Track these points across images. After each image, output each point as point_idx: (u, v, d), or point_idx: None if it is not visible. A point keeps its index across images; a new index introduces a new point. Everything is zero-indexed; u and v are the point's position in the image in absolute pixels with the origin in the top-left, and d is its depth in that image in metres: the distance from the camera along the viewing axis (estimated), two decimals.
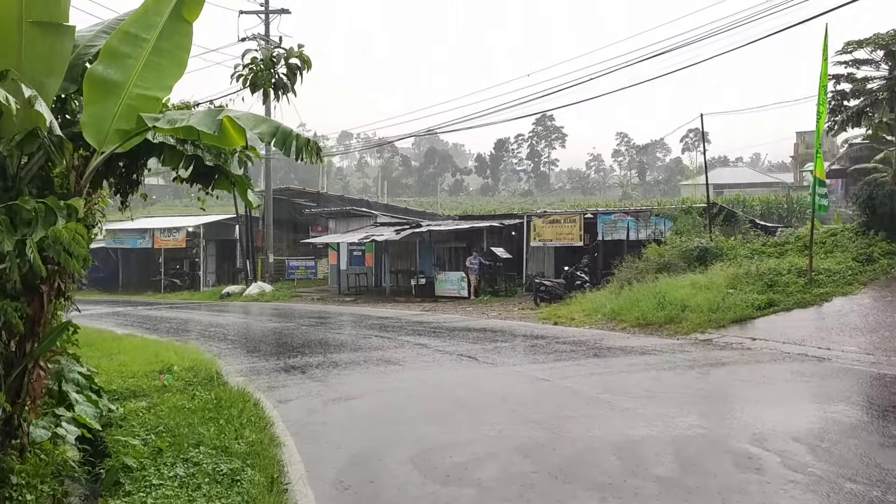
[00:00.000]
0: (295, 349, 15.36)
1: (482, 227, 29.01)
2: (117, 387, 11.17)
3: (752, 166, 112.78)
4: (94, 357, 14.13)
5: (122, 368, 12.73)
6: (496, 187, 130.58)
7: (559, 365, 11.99)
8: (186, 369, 12.44)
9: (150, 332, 19.99)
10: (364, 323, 20.56)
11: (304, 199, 40.92)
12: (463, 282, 28.25)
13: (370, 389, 10.61)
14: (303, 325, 20.58)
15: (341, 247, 33.77)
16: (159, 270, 39.49)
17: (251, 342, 17.43)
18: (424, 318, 21.53)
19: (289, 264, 38.55)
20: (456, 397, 9.69)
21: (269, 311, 25.98)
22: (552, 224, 27.31)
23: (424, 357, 13.49)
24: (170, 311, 27.45)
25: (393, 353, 14.26)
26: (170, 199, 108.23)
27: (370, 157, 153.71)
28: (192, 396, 9.50)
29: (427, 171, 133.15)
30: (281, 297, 31.79)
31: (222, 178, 6.84)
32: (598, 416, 8.14)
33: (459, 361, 12.70)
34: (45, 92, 6.01)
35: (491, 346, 14.62)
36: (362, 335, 17.47)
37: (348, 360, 13.44)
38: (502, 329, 17.69)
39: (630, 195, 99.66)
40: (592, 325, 17.16)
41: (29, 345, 5.75)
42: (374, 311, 24.38)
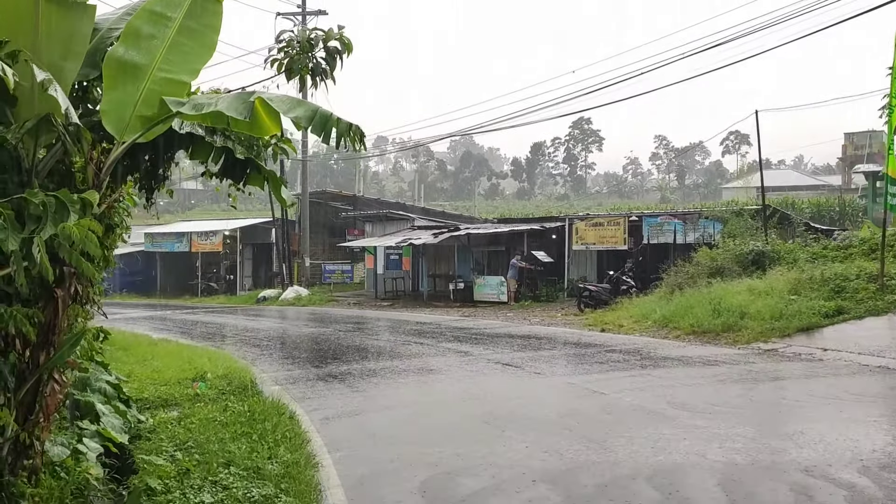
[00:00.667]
0: (332, 356, 14.80)
1: (522, 230, 28.26)
2: (149, 395, 10.72)
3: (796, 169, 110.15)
4: (129, 363, 13.78)
5: (156, 375, 12.32)
6: (532, 191, 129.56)
7: (612, 376, 11.22)
8: (220, 377, 11.97)
9: (185, 336, 19.64)
10: (402, 328, 19.95)
11: (340, 202, 40.54)
12: (502, 286, 27.52)
13: (413, 402, 9.95)
14: (340, 330, 20.04)
15: (378, 250, 33.26)
16: (196, 274, 39.40)
17: (287, 348, 16.93)
18: (464, 323, 20.86)
19: (325, 268, 38.16)
20: (507, 412, 8.97)
21: (306, 316, 25.53)
22: (595, 227, 26.45)
23: (467, 366, 12.81)
24: (206, 315, 27.17)
25: (433, 360, 13.61)
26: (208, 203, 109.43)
27: (406, 161, 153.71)
28: (225, 408, 8.94)
29: (463, 175, 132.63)
30: (317, 301, 31.37)
31: (254, 172, 6.25)
32: (667, 436, 7.35)
33: (505, 371, 11.99)
34: (63, 77, 5.46)
35: (536, 355, 13.89)
36: (401, 341, 16.85)
37: (388, 369, 12.81)
38: (547, 336, 16.93)
39: (669, 199, 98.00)
40: (643, 332, 16.32)
41: (43, 355, 5.19)
42: (412, 316, 23.77)
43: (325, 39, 6.19)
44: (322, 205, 39.52)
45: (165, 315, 27.43)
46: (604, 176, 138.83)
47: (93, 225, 4.47)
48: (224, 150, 6.03)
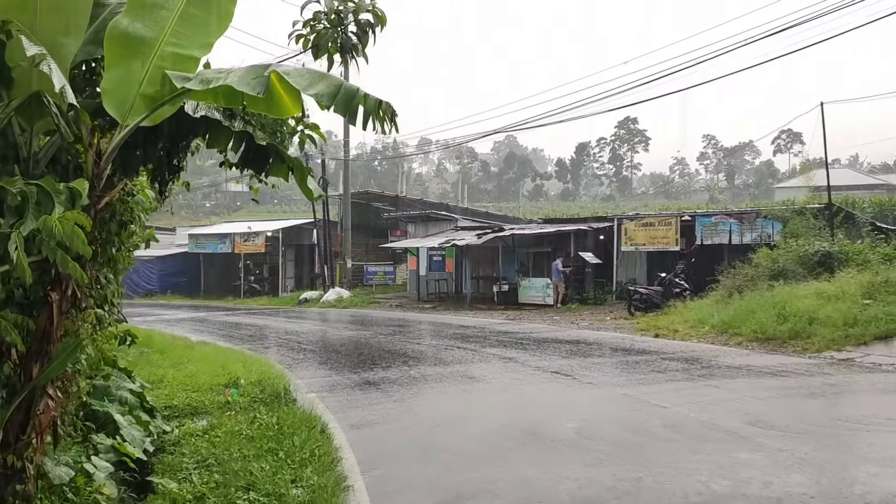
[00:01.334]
0: (371, 361, 14.15)
1: (569, 230, 27.32)
2: (179, 402, 10.20)
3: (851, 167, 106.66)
4: (163, 367, 13.35)
5: (188, 380, 11.82)
6: (577, 192, 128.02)
7: (673, 387, 10.32)
8: (253, 383, 11.41)
9: (224, 339, 19.24)
10: (445, 332, 19.23)
11: (382, 202, 40.02)
12: (548, 289, 26.64)
13: (455, 414, 9.21)
14: (380, 333, 19.41)
15: (421, 252, 32.63)
16: (239, 275, 39.27)
17: (326, 352, 16.34)
18: (509, 327, 20.05)
19: (367, 269, 37.68)
20: (559, 427, 8.17)
21: (347, 319, 24.99)
22: (645, 227, 25.39)
23: (513, 374, 12.03)
24: (247, 317, 26.84)
25: (478, 368, 12.85)
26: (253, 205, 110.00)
27: (449, 163, 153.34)
28: (253, 419, 8.31)
29: (506, 176, 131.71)
30: (359, 303, 30.86)
31: (277, 162, 5.57)
32: (744, 461, 6.46)
33: (554, 380, 11.17)
34: (61, 53, 4.85)
35: (587, 362, 13.03)
36: (443, 346, 16.13)
37: (429, 376, 12.10)
38: (597, 341, 16.04)
39: (717, 199, 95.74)
40: (700, 338, 15.32)
41: (36, 367, 4.59)
42: (455, 319, 23.04)
43: (356, 12, 5.53)
44: (364, 205, 39.05)
45: (207, 317, 27.18)
46: (650, 176, 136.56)
47: (80, 218, 3.82)
48: (244, 135, 5.37)
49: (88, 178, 4.68)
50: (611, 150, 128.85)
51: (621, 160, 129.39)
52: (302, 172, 5.58)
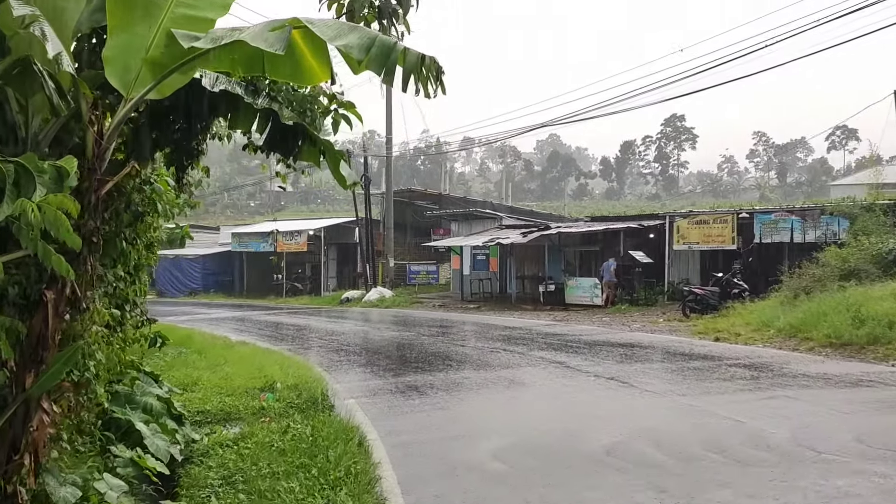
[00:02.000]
0: (414, 364, 13.49)
1: (618, 228, 26.31)
2: (212, 407, 9.68)
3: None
4: (200, 368, 12.91)
5: (223, 383, 11.32)
6: (621, 191, 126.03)
7: (744, 398, 9.42)
8: (290, 387, 10.86)
9: (264, 339, 18.81)
10: (490, 334, 18.49)
11: (425, 201, 39.42)
12: (596, 289, 25.70)
13: (504, 425, 8.45)
14: (423, 334, 18.75)
15: (464, 250, 31.92)
16: (281, 275, 39.03)
17: (367, 354, 15.74)
18: (557, 329, 19.21)
19: (410, 269, 37.09)
20: (621, 442, 7.36)
21: (389, 319, 24.41)
22: (699, 225, 24.28)
23: (564, 380, 11.24)
24: (288, 316, 26.45)
25: (526, 373, 12.09)
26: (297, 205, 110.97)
27: (492, 162, 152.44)
28: (286, 429, 7.68)
29: (550, 175, 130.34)
30: (401, 303, 30.28)
31: (307, 144, 4.91)
32: (844, 489, 5.59)
33: (609, 387, 10.34)
34: (62, 19, 4.27)
35: (645, 368, 12.16)
36: (489, 348, 15.39)
37: (474, 381, 11.38)
38: (652, 345, 15.13)
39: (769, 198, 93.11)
40: (766, 342, 14.30)
41: (30, 377, 3.99)
42: (500, 320, 22.28)
43: None
44: (407, 204, 38.49)
45: (248, 316, 26.87)
46: (697, 175, 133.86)
47: (65, 202, 3.18)
48: (269, 113, 4.71)
49: (89, 159, 4.07)
50: (657, 148, 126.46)
51: (667, 158, 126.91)
52: (335, 156, 4.90)
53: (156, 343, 9.86)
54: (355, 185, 4.95)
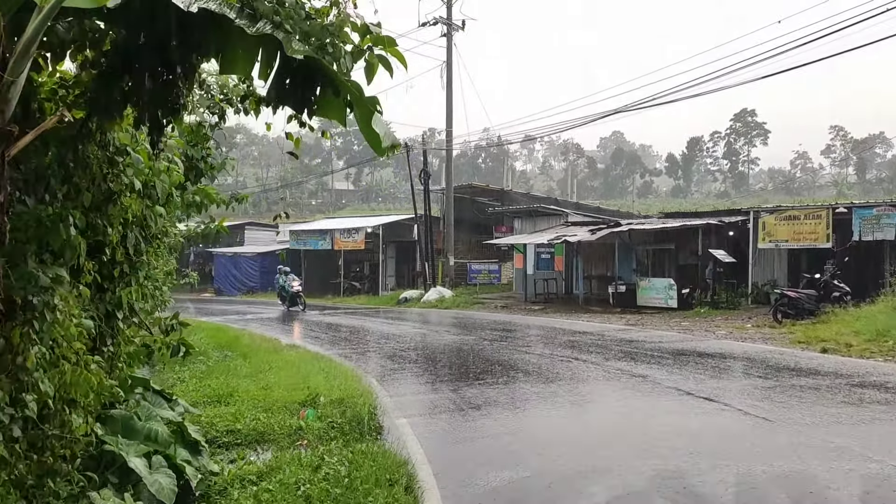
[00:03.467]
0: (474, 374, 12.02)
1: (696, 225, 24.28)
2: (243, 426, 8.39)
3: None
4: (240, 376, 11.76)
5: (261, 395, 10.08)
6: (688, 189, 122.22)
7: (891, 430, 7.64)
8: (335, 402, 9.55)
9: (316, 341, 17.66)
10: (558, 339, 16.87)
11: (487, 197, 37.90)
12: (671, 290, 23.79)
13: (586, 460, 6.87)
14: (485, 339, 17.26)
15: (528, 249, 30.29)
16: (339, 273, 38.06)
17: (423, 361, 14.34)
18: (632, 334, 17.46)
19: (470, 268, 35.63)
20: (742, 489, 5.72)
21: (449, 321, 22.98)
22: (788, 221, 22.12)
23: (649, 397, 9.59)
24: (344, 317, 25.29)
25: (604, 389, 10.49)
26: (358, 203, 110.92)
27: (554, 160, 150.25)
28: (319, 464, 6.29)
29: (613, 172, 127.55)
30: (461, 303, 28.82)
31: (328, 92, 3.47)
32: None
33: (714, 412, 8.60)
34: None
35: (747, 386, 10.37)
36: (558, 357, 13.81)
37: (545, 398, 9.84)
38: (747, 355, 13.28)
39: (846, 195, 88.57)
40: (887, 356, 12.32)
41: None
42: (568, 324, 20.61)
43: None
44: (468, 200, 37.03)
45: (303, 316, 25.83)
46: (768, 172, 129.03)
47: None
48: (272, 46, 3.28)
49: None
50: (726, 144, 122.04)
51: (737, 155, 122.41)
52: (365, 108, 3.43)
53: (178, 352, 8.64)
54: (393, 148, 3.49)
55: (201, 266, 45.45)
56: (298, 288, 27.24)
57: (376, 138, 3.41)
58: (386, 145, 3.43)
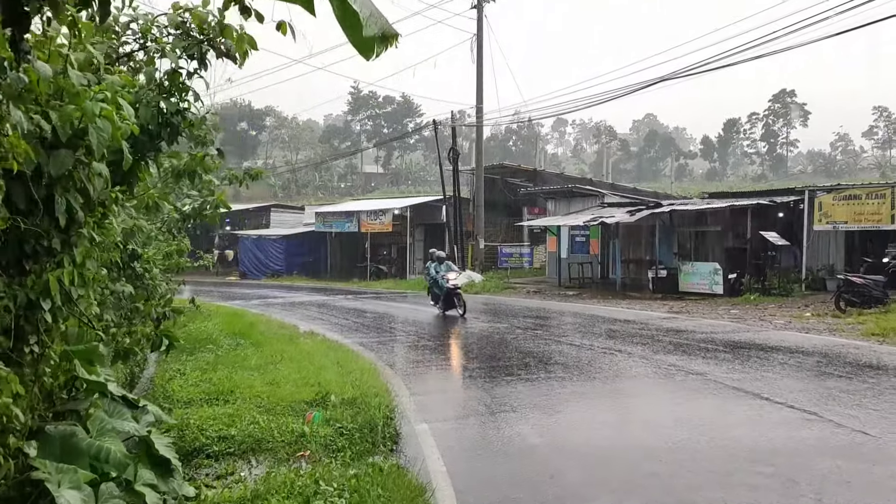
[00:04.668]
0: (506, 369, 10.68)
1: (746, 206, 22.58)
2: (238, 431, 7.19)
3: None
4: (248, 367, 10.62)
5: (266, 392, 8.89)
6: (723, 172, 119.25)
7: None
8: (347, 402, 8.33)
9: (336, 329, 16.49)
10: (597, 328, 15.46)
11: (518, 178, 36.32)
12: (717, 275, 22.16)
13: (654, 492, 5.51)
14: (518, 327, 15.91)
15: (562, 231, 28.77)
16: (365, 256, 36.87)
17: (451, 353, 13.04)
18: (678, 323, 15.98)
19: (501, 251, 34.19)
20: None
21: (479, 307, 21.62)
22: (848, 201, 20.36)
23: (720, 405, 8.16)
24: (369, 302, 24.07)
25: (657, 390, 9.10)
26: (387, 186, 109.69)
27: (586, 143, 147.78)
28: (313, 493, 5.01)
29: (647, 155, 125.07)
30: (492, 288, 27.42)
31: None
32: None
33: (800, 424, 7.12)
34: None
35: (830, 388, 8.86)
36: (600, 348, 12.42)
37: (588, 399, 8.50)
38: (816, 349, 11.74)
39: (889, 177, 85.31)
40: None
41: None
42: (606, 311, 19.14)
43: None
44: (498, 181, 35.50)
45: (327, 301, 24.66)
46: (806, 155, 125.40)
47: None
48: None
49: None
50: (763, 125, 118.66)
51: (775, 137, 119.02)
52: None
53: (161, 345, 7.41)
54: (385, 42, 2.12)
55: (225, 248, 44.61)
56: (457, 281, 18.52)
57: (355, 23, 2.04)
58: (371, 33, 2.06)
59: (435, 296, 18.90)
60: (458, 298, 17.93)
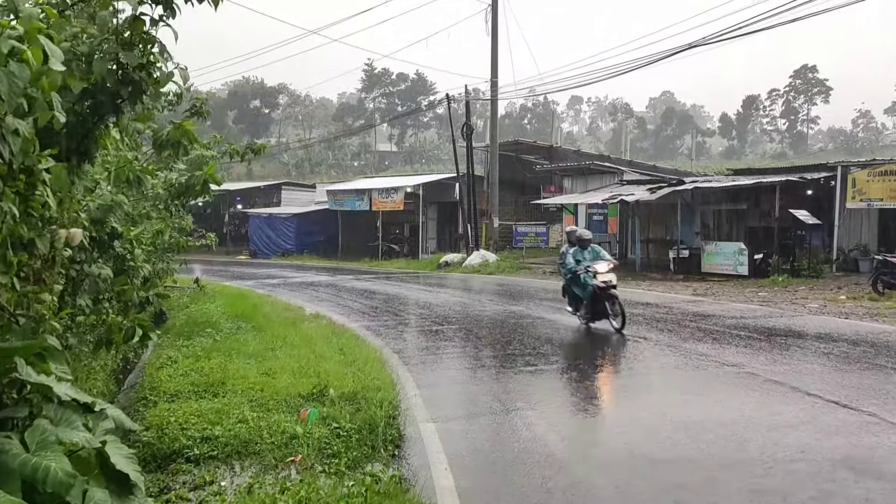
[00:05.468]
0: (523, 357, 9.84)
1: (774, 182, 21.51)
2: (223, 431, 6.41)
3: None
4: (244, 354, 9.92)
5: (261, 383, 8.18)
6: (742, 150, 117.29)
7: None
8: (347, 397, 7.58)
9: (343, 311, 15.77)
10: None
11: (534, 155, 35.29)
12: (742, 255, 21.21)
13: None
14: (534, 311, 15.07)
15: (579, 209, 27.83)
16: (377, 235, 36.04)
17: (463, 338, 12.21)
18: (705, 307, 15.07)
19: (516, 230, 33.26)
20: None
21: (493, 288, 20.80)
22: (884, 177, 19.27)
23: (765, 404, 7.27)
24: (379, 283, 23.27)
25: (690, 385, 8.23)
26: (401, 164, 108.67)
27: (602, 121, 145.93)
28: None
29: (664, 133, 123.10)
30: (506, 268, 26.53)
31: None
32: None
33: (872, 433, 6.13)
34: None
35: (888, 384, 7.98)
36: (625, 336, 11.54)
37: (615, 394, 7.66)
38: (863, 338, 10.77)
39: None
40: None
41: None
42: (628, 293, 18.15)
43: None
44: (513, 158, 34.47)
45: (336, 281, 23.90)
46: (827, 132, 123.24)
47: None
48: None
49: None
50: (784, 102, 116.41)
51: (796, 114, 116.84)
52: None
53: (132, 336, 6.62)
54: None
55: (237, 227, 43.91)
56: (610, 276, 12.18)
57: None
58: None
59: (574, 298, 13.00)
60: (612, 303, 11.99)
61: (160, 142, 5.84)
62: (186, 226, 16.57)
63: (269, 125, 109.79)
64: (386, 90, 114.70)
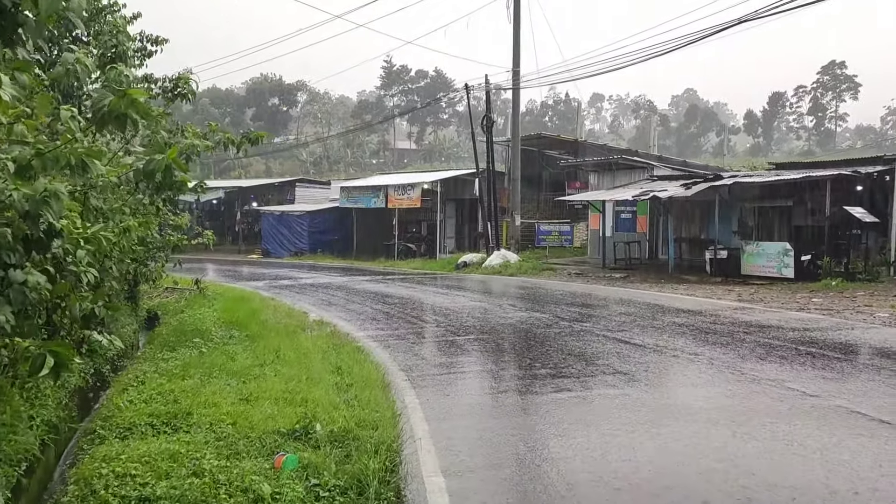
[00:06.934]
0: (554, 381, 8.20)
1: (824, 177, 19.64)
2: (166, 490, 4.83)
3: None
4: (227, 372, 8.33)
5: (234, 415, 6.68)
6: (768, 147, 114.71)
7: None
8: (336, 436, 6.03)
9: (351, 317, 14.31)
10: (658, 320, 12.92)
11: (557, 150, 33.56)
12: (787, 256, 19.39)
13: None
14: (562, 318, 13.41)
15: (606, 207, 26.01)
16: (393, 234, 34.44)
17: (481, 352, 10.59)
18: (756, 315, 13.33)
19: (539, 229, 31.54)
20: None
21: (514, 292, 19.15)
22: None
23: (876, 456, 5.61)
24: (392, 285, 21.69)
25: (774, 429, 6.54)
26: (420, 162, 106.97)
27: (623, 118, 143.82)
28: None
29: (687, 130, 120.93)
30: (529, 269, 24.82)
31: None
32: None
33: None
34: None
35: None
36: (669, 351, 9.89)
37: (673, 438, 5.99)
38: None
39: None
40: None
41: None
42: (663, 298, 16.51)
43: None
44: (536, 153, 32.78)
45: (347, 283, 22.37)
46: (855, 129, 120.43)
47: None
48: None
49: None
50: (811, 99, 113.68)
51: (824, 111, 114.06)
52: None
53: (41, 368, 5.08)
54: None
55: (250, 225, 42.57)
56: None
57: None
58: None
59: None
60: None
61: (101, 114, 4.27)
62: (182, 223, 15.17)
63: (287, 123, 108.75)
64: (405, 87, 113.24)
